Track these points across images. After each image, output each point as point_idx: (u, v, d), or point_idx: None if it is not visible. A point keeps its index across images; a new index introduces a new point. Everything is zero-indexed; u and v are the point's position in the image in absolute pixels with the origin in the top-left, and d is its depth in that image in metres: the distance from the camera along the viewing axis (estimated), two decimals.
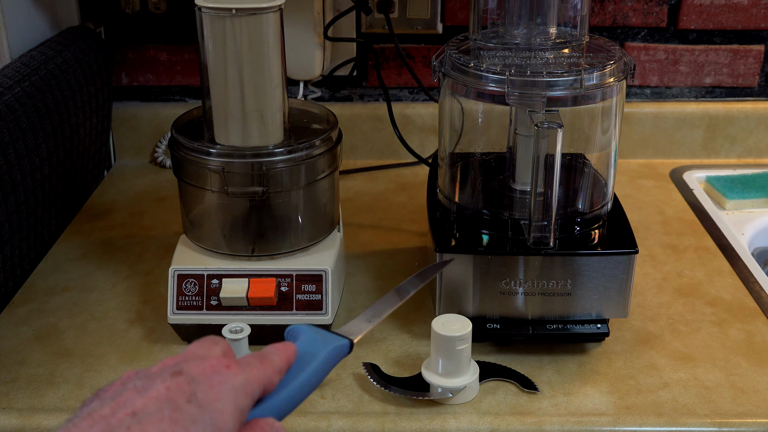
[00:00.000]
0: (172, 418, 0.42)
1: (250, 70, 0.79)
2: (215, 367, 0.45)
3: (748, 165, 1.27)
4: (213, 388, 0.44)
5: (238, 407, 0.44)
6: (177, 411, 0.42)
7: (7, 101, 0.91)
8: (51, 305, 0.92)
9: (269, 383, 0.48)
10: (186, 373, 0.44)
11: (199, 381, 0.44)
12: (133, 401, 0.42)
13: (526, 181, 0.85)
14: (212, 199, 0.84)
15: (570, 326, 0.82)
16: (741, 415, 0.75)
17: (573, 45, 0.84)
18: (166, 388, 0.43)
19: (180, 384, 0.43)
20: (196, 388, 0.43)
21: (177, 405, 0.42)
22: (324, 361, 0.52)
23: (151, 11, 1.24)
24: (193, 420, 0.42)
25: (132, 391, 0.43)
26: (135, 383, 0.44)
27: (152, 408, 0.42)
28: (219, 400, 0.44)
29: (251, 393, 0.46)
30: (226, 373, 0.45)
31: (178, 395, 0.43)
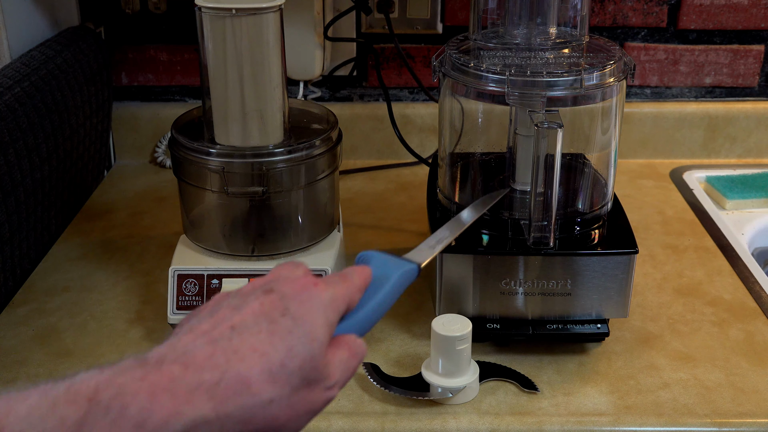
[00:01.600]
0: (269, 329, 0.45)
1: (250, 70, 0.79)
2: (304, 284, 0.49)
3: (748, 165, 1.27)
4: (303, 303, 0.47)
5: (328, 320, 0.48)
6: (273, 324, 0.45)
7: (7, 101, 0.91)
8: (51, 305, 0.92)
9: (351, 301, 0.51)
10: (277, 291, 0.48)
11: (291, 297, 0.47)
12: (231, 317, 0.46)
13: (526, 181, 0.85)
14: (212, 199, 0.84)
15: (570, 326, 0.82)
16: (741, 415, 0.75)
17: (573, 45, 0.84)
18: (260, 304, 0.46)
19: (273, 300, 0.47)
20: (288, 303, 0.47)
21: (272, 318, 0.46)
22: (396, 282, 0.55)
23: (151, 11, 1.24)
24: (289, 331, 0.45)
25: (227, 309, 0.47)
26: (229, 302, 0.47)
27: (250, 322, 0.45)
28: (310, 314, 0.47)
29: (338, 308, 0.49)
30: (314, 290, 0.48)
31: (272, 310, 0.46)
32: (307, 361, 0.45)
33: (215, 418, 0.42)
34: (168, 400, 0.41)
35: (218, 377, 0.42)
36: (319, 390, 0.46)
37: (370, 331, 0.88)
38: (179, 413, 0.41)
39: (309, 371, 0.45)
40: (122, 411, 0.39)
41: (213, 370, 0.42)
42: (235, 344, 0.44)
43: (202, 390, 0.42)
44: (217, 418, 0.42)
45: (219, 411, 0.42)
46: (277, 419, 0.44)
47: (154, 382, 0.41)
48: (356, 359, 0.50)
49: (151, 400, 0.40)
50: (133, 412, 0.40)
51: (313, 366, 0.45)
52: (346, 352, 0.49)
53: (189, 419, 0.41)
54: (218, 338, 0.44)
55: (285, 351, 0.44)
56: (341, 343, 0.49)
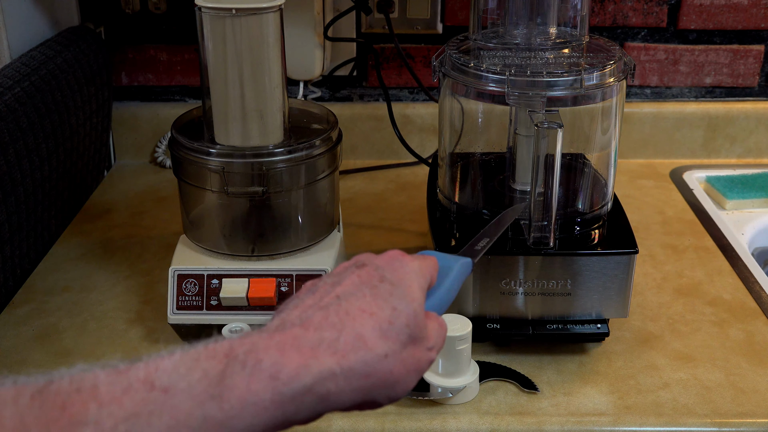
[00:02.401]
0: (372, 293, 0.49)
1: (250, 70, 0.79)
2: (394, 255, 0.53)
3: (748, 165, 1.27)
4: (396, 270, 0.51)
5: (420, 285, 0.52)
6: (374, 289, 0.49)
7: (7, 101, 0.91)
8: (51, 305, 0.92)
9: (432, 276, 0.55)
10: (370, 263, 0.51)
11: (384, 267, 0.51)
12: (333, 289, 0.49)
13: (526, 181, 0.85)
14: (212, 199, 0.84)
15: (570, 326, 0.82)
16: (741, 415, 0.75)
17: (573, 45, 0.84)
18: (358, 276, 0.50)
19: (368, 271, 0.51)
20: (383, 272, 0.51)
21: (372, 285, 0.49)
22: (459, 271, 0.59)
23: (151, 11, 1.24)
24: (390, 293, 0.49)
25: (327, 285, 0.50)
26: (325, 280, 0.51)
27: (352, 289, 0.49)
28: (406, 278, 0.51)
29: (426, 276, 0.53)
30: (404, 259, 0.53)
31: (370, 278, 0.50)
32: (411, 318, 0.48)
33: (340, 371, 0.45)
34: (296, 354, 0.44)
35: (336, 335, 0.46)
36: (423, 349, 0.50)
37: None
38: (307, 366, 0.44)
39: (414, 328, 0.49)
40: (257, 364, 0.43)
41: (331, 329, 0.46)
42: (344, 307, 0.47)
43: (325, 346, 0.45)
44: (341, 371, 0.45)
45: (342, 364, 0.45)
46: (392, 374, 0.47)
47: (281, 340, 0.45)
48: (444, 330, 0.53)
49: (281, 354, 0.44)
50: (267, 365, 0.43)
51: (416, 323, 0.49)
52: (436, 321, 0.53)
53: (317, 372, 0.44)
54: (328, 304, 0.48)
55: (390, 310, 0.48)
56: (430, 315, 0.53)
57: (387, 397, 0.48)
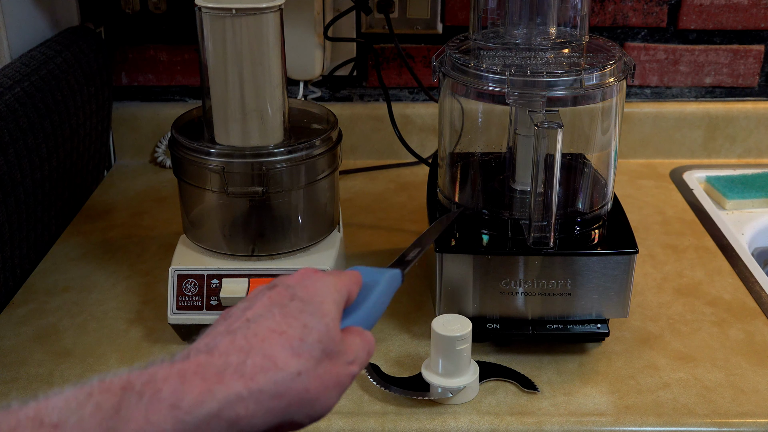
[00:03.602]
0: (281, 313, 0.48)
1: (250, 70, 0.79)
2: (304, 273, 0.52)
3: (748, 165, 1.27)
4: (308, 287, 0.51)
5: (334, 300, 0.51)
6: (284, 308, 0.48)
7: (7, 101, 0.91)
8: (51, 305, 0.92)
9: (351, 291, 0.54)
10: (281, 284, 0.51)
11: (295, 285, 0.51)
12: (244, 314, 0.49)
13: (526, 181, 0.85)
14: (212, 199, 0.84)
15: (570, 326, 0.82)
16: (741, 415, 0.75)
17: (573, 45, 0.84)
18: (269, 297, 0.50)
19: (279, 291, 0.50)
20: (293, 290, 0.50)
21: (283, 304, 0.49)
22: (386, 285, 0.58)
23: (151, 11, 1.24)
24: (300, 310, 0.48)
25: (239, 310, 0.50)
26: (238, 306, 0.50)
27: (262, 311, 0.48)
28: (317, 294, 0.50)
29: (341, 291, 0.52)
30: (316, 275, 0.52)
31: (281, 298, 0.49)
32: (324, 334, 0.48)
33: (248, 394, 0.44)
34: (199, 382, 0.43)
35: (243, 358, 0.45)
36: (341, 364, 0.49)
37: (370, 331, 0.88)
38: (212, 392, 0.43)
39: (327, 343, 0.48)
40: (155, 394, 0.42)
41: (238, 353, 0.45)
42: (253, 330, 0.47)
43: (231, 370, 0.44)
44: (249, 394, 0.44)
45: (251, 387, 0.44)
46: (308, 392, 0.46)
47: (182, 368, 0.44)
48: (369, 345, 0.52)
49: (182, 382, 0.43)
50: (166, 394, 0.42)
51: (329, 338, 0.48)
52: (358, 337, 0.52)
53: (222, 397, 0.43)
54: (236, 329, 0.47)
55: (301, 327, 0.47)
56: (352, 330, 0.52)
57: (307, 416, 0.47)
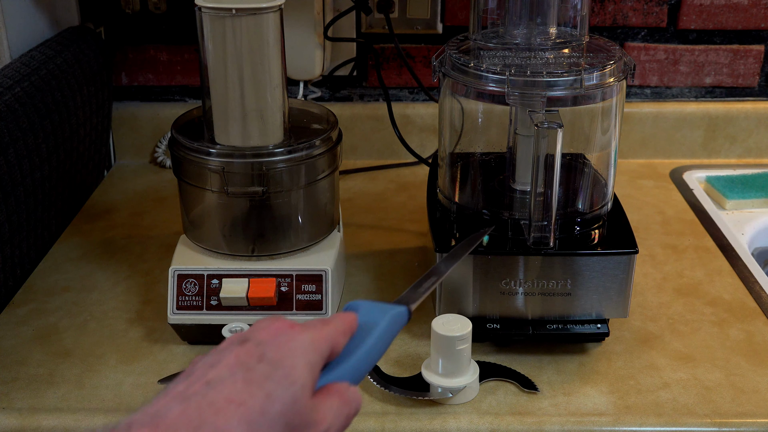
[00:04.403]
0: (245, 378, 0.43)
1: (250, 70, 0.79)
2: (280, 328, 0.47)
3: (748, 165, 1.27)
4: (281, 346, 0.45)
5: (309, 362, 0.46)
6: (249, 372, 0.43)
7: (7, 101, 0.91)
8: (51, 305, 0.92)
9: (335, 343, 0.49)
10: (253, 339, 0.46)
11: (267, 343, 0.45)
12: (206, 373, 0.44)
13: (526, 181, 0.85)
14: (212, 199, 0.84)
15: (570, 326, 0.82)
16: (741, 415, 0.75)
17: (573, 45, 0.84)
18: (236, 356, 0.45)
19: (248, 349, 0.45)
20: (264, 349, 0.45)
21: (248, 367, 0.44)
22: (386, 327, 0.53)
23: (151, 11, 1.24)
24: (266, 376, 0.43)
25: (203, 367, 0.45)
26: (205, 360, 0.46)
27: (225, 374, 0.43)
28: (289, 356, 0.45)
29: (319, 349, 0.47)
30: (292, 332, 0.47)
31: (249, 358, 0.44)
32: (289, 405, 0.43)
33: None
34: None
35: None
36: None
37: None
38: None
39: (292, 416, 0.43)
40: None
41: (185, 427, 0.40)
42: (209, 398, 0.42)
43: None
44: None
45: None
46: None
47: None
48: (349, 406, 0.48)
49: None
50: None
51: (295, 410, 0.44)
52: (337, 399, 0.47)
53: None
54: (191, 395, 0.42)
55: (263, 397, 0.43)
56: (331, 390, 0.48)
57: None
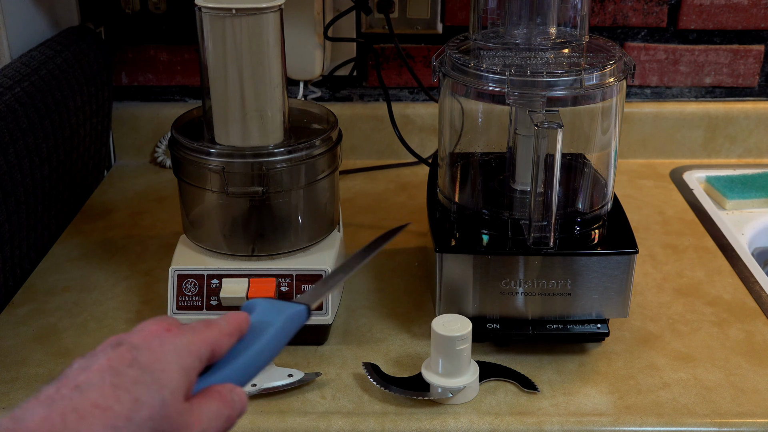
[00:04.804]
0: (113, 383, 0.43)
1: (250, 70, 0.79)
2: (155, 331, 0.47)
3: (748, 165, 1.27)
4: (154, 350, 0.45)
5: (182, 366, 0.46)
6: (118, 376, 0.43)
7: (7, 101, 0.91)
8: (51, 305, 0.92)
9: (217, 345, 0.48)
10: (127, 343, 0.46)
11: (140, 346, 0.45)
12: (76, 377, 0.44)
13: (526, 181, 0.85)
14: (212, 199, 0.84)
15: (570, 326, 0.82)
16: (741, 415, 0.75)
17: (573, 45, 0.84)
18: (108, 359, 0.44)
19: (121, 353, 0.45)
20: (137, 353, 0.45)
21: (118, 371, 0.44)
22: (280, 327, 0.52)
23: (151, 11, 1.24)
24: (135, 381, 0.43)
25: (76, 370, 0.44)
26: (80, 363, 0.45)
27: (94, 378, 0.43)
28: (160, 360, 0.45)
29: (196, 353, 0.47)
30: (167, 336, 0.47)
31: (120, 362, 0.44)
32: (157, 410, 0.43)
33: None
34: None
35: None
36: None
37: (370, 331, 0.88)
38: None
39: (160, 421, 0.43)
40: None
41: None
42: (75, 403, 0.42)
43: None
44: None
45: None
46: None
47: None
48: (230, 408, 0.47)
49: None
50: None
51: (164, 415, 0.43)
52: (216, 401, 0.47)
53: None
54: (58, 400, 0.42)
55: (131, 403, 0.42)
56: (212, 392, 0.47)
57: None
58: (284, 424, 0.74)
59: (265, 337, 0.51)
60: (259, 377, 0.77)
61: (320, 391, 0.78)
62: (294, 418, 0.75)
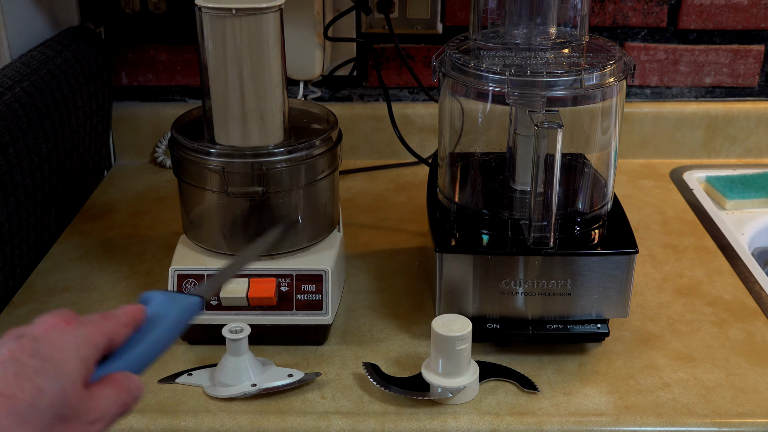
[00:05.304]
0: (15, 372, 0.45)
1: (250, 70, 0.79)
2: (55, 323, 0.49)
3: (748, 165, 1.27)
4: (54, 341, 0.48)
5: (81, 356, 0.48)
6: (20, 366, 0.46)
7: (7, 101, 0.91)
8: (51, 305, 0.92)
9: (114, 336, 0.51)
10: (28, 335, 0.48)
11: (41, 338, 0.48)
12: None
13: (526, 181, 0.85)
14: (212, 199, 0.84)
15: (570, 326, 0.82)
16: (741, 415, 0.75)
17: (573, 45, 0.84)
18: (10, 351, 0.46)
19: (23, 344, 0.47)
20: (37, 345, 0.47)
21: (20, 361, 0.46)
22: (175, 318, 0.55)
23: (151, 11, 1.24)
24: (36, 371, 0.46)
25: None
26: None
27: None
28: (60, 351, 0.47)
29: (94, 343, 0.50)
30: (66, 328, 0.49)
31: (22, 353, 0.46)
32: (58, 397, 0.45)
33: None
34: None
35: None
36: (81, 424, 0.47)
37: (370, 331, 0.88)
38: None
39: (61, 407, 0.46)
40: None
41: None
42: None
43: None
44: None
45: None
46: None
47: None
48: (127, 394, 0.50)
49: None
50: None
51: (65, 401, 0.46)
52: (114, 388, 0.49)
53: None
54: None
55: (33, 391, 0.45)
56: (110, 380, 0.50)
57: None
58: (284, 424, 0.74)
59: (160, 328, 0.54)
60: (259, 377, 0.77)
61: (320, 391, 0.78)
62: (294, 418, 0.75)
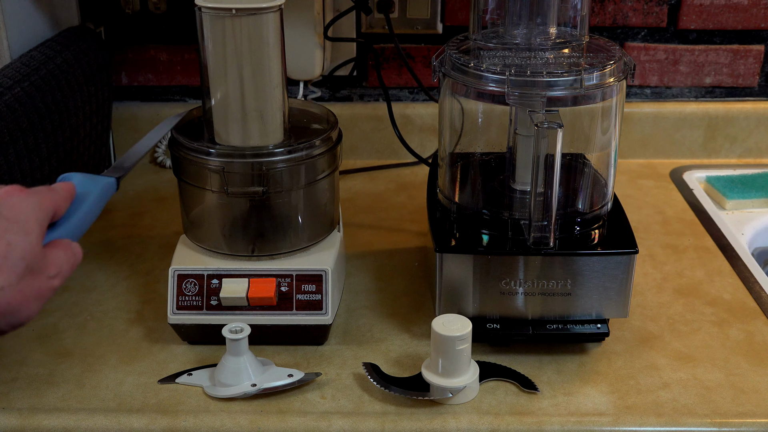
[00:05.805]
0: None
1: (250, 70, 0.79)
2: (10, 191, 0.56)
3: (748, 165, 1.27)
4: (14, 206, 0.55)
5: (38, 220, 0.56)
6: None
7: (7, 101, 0.91)
8: (51, 305, 0.92)
9: (58, 207, 0.59)
10: None
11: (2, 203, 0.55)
12: None
13: (526, 181, 0.85)
14: (212, 199, 0.84)
15: (570, 326, 0.82)
16: (741, 415, 0.75)
17: (573, 45, 0.84)
18: None
19: None
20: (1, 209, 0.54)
21: None
22: (99, 195, 0.64)
23: (151, 11, 1.24)
24: (5, 229, 0.53)
25: None
26: None
27: None
28: (21, 213, 0.55)
29: (46, 210, 0.57)
30: (21, 194, 0.56)
31: None
32: (27, 251, 0.53)
33: None
34: None
35: None
36: (43, 278, 0.55)
37: (370, 331, 0.88)
38: None
39: (30, 260, 0.54)
40: None
41: None
42: None
43: None
44: None
45: None
46: (10, 304, 0.53)
47: None
48: (73, 257, 0.58)
49: None
50: None
51: (32, 255, 0.54)
52: (64, 250, 0.57)
53: None
54: None
55: (5, 246, 0.53)
56: (59, 243, 0.58)
57: (9, 325, 0.54)
58: (284, 424, 0.74)
59: (88, 202, 0.62)
60: (259, 377, 0.77)
61: (320, 391, 0.78)
62: (294, 418, 0.75)
